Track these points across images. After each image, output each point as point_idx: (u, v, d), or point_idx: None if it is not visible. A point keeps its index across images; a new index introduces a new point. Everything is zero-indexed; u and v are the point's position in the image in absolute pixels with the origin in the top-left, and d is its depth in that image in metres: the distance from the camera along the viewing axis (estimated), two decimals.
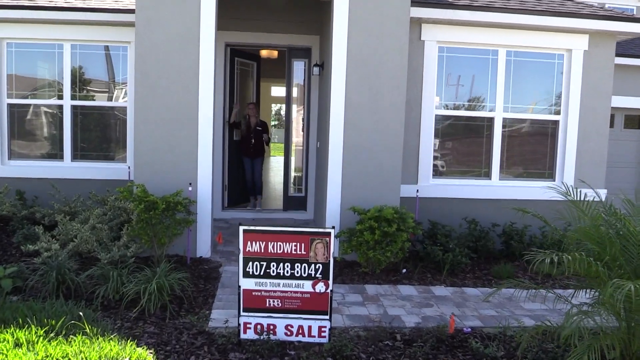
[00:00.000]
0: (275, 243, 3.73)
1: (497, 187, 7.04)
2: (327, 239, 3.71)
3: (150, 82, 5.75)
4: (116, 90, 7.43)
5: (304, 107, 8.08)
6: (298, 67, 8.04)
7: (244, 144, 8.23)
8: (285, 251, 3.73)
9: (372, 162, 6.01)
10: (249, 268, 3.75)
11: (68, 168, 7.28)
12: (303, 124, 8.13)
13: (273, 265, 3.75)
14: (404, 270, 5.73)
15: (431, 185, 6.85)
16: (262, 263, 3.75)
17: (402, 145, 6.06)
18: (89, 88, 7.42)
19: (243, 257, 3.75)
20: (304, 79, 8.03)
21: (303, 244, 3.72)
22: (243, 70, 8.34)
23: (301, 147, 8.20)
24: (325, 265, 3.75)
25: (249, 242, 3.74)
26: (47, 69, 7.45)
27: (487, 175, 7.12)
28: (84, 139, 7.42)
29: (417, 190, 6.51)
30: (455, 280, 5.62)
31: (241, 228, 3.74)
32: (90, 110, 7.40)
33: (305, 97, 8.01)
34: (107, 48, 7.32)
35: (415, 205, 6.50)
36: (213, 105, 5.84)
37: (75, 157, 7.43)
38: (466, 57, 6.95)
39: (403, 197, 6.39)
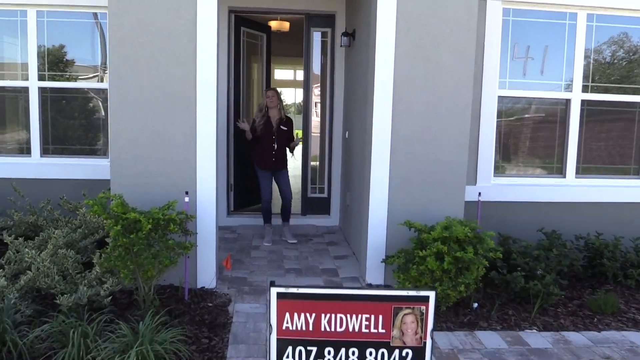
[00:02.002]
0: (334, 315, 2.09)
1: (572, 187, 5.42)
2: (423, 307, 2.08)
3: (129, 50, 4.08)
4: (107, 72, 5.75)
5: (325, 89, 6.41)
6: (318, 39, 6.34)
7: (262, 151, 5.61)
8: (351, 329, 2.10)
9: (429, 157, 4.37)
10: (288, 358, 2.11)
11: (36, 165, 5.60)
12: (325, 109, 6.46)
13: (329, 353, 2.11)
14: (476, 305, 4.12)
15: (492, 186, 5.23)
16: (309, 349, 2.11)
17: (468, 135, 4.42)
18: (67, 68, 5.70)
19: (277, 340, 2.11)
20: (327, 53, 6.34)
21: (381, 317, 2.09)
22: (250, 44, 6.65)
23: (322, 137, 6.55)
24: (419, 353, 2.11)
25: (287, 315, 2.10)
26: (8, 43, 5.74)
27: (560, 172, 5.50)
28: (58, 130, 5.73)
29: (480, 194, 4.87)
30: (547, 319, 4.02)
31: (273, 292, 2.10)
32: (65, 94, 5.71)
33: (328, 75, 6.33)
34: (95, 16, 5.58)
35: (474, 212, 4.87)
36: (216, 81, 4.17)
37: (45, 151, 5.75)
38: (536, 22, 5.28)
39: None
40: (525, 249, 4.63)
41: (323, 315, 2.05)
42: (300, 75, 19.39)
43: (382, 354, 2.08)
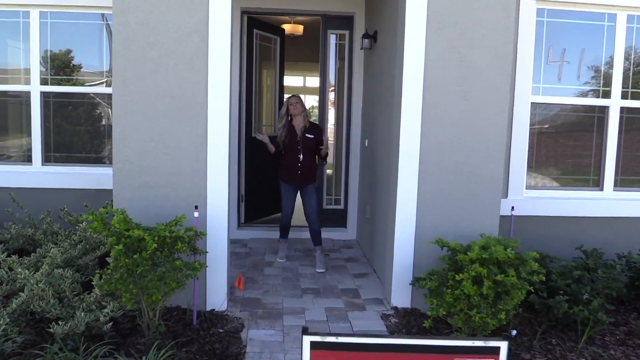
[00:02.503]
0: None
1: (610, 200, 4.99)
2: None
3: (135, 52, 3.71)
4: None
5: (342, 94, 6.03)
6: (335, 41, 5.97)
7: (287, 163, 5.02)
8: None
9: (461, 169, 3.97)
10: None
11: (37, 174, 5.23)
12: (341, 116, 6.08)
13: None
14: (514, 332, 3.70)
15: (525, 200, 4.80)
16: None
17: (504, 145, 4.01)
18: (72, 72, 5.34)
19: None
20: (345, 57, 5.95)
21: None
22: (263, 47, 6.28)
23: (337, 145, 6.16)
24: None
25: None
26: (10, 46, 5.40)
27: (597, 184, 5.07)
28: (61, 137, 5.37)
29: (513, 208, 4.45)
30: (595, 349, 3.58)
31: (306, 341, 1.68)
32: (69, 99, 5.34)
33: (345, 80, 5.95)
34: (103, 17, 5.23)
35: (506, 227, 4.44)
36: (229, 86, 3.79)
37: (47, 159, 5.39)
38: (572, 23, 4.88)
39: None
40: (564, 269, 4.19)
41: None
42: (310, 81, 19.03)
43: None
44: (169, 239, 3.26)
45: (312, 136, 4.95)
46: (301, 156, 4.93)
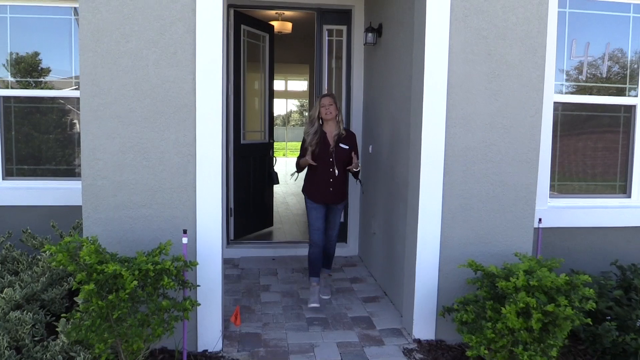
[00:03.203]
0: None
1: (639, 209, 4.50)
2: None
3: (107, 45, 3.07)
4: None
5: (338, 96, 5.45)
6: (331, 37, 5.39)
7: (316, 178, 4.11)
8: None
9: (491, 179, 3.42)
10: None
11: None
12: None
13: None
14: None
15: (549, 210, 4.27)
16: None
17: (538, 150, 3.47)
18: (38, 74, 4.62)
19: None
20: (342, 54, 5.38)
21: None
22: (251, 45, 5.67)
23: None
24: None
25: None
26: None
27: (624, 191, 4.58)
28: (25, 147, 4.65)
29: (540, 220, 3.92)
30: None
31: None
32: (36, 105, 4.63)
33: (343, 79, 5.37)
34: (76, 12, 4.52)
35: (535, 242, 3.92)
36: (222, 84, 3.17)
37: (9, 173, 4.66)
38: (597, 15, 4.39)
39: None
40: (601, 288, 3.68)
41: None
42: (292, 85, 18.44)
43: None
44: (153, 272, 2.62)
45: (346, 147, 4.03)
46: (335, 170, 4.00)
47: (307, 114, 29.55)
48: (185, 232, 3.00)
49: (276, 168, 6.21)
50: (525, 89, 3.38)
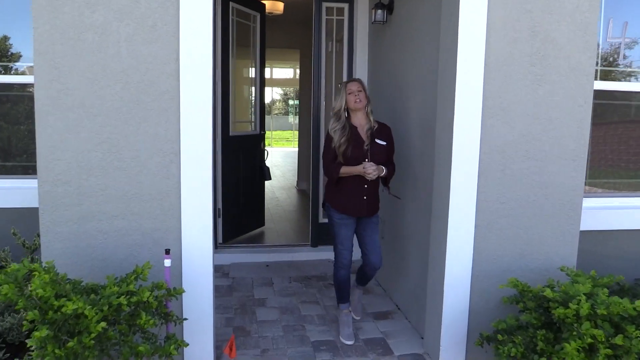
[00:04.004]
0: None
1: None
2: None
3: (68, 17, 2.43)
4: None
5: (335, 81, 4.86)
6: (331, 17, 4.78)
7: (349, 185, 3.18)
8: None
9: (532, 179, 2.87)
10: None
11: None
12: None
13: None
14: None
15: (582, 210, 3.74)
16: None
17: (587, 145, 2.93)
18: (9, 60, 3.91)
19: None
20: (343, 36, 4.78)
21: None
22: (241, 26, 5.02)
23: None
24: None
25: None
26: None
27: None
28: None
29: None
30: None
31: None
32: (3, 93, 3.89)
33: (344, 65, 4.77)
34: None
35: None
36: (213, 65, 2.55)
37: None
38: None
39: None
40: None
41: None
42: (277, 73, 17.72)
43: None
44: (127, 306, 2.02)
45: (384, 142, 3.17)
46: (369, 176, 3.10)
47: (292, 102, 28.72)
48: (168, 252, 2.39)
49: (267, 163, 5.61)
50: (574, 73, 2.83)
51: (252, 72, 5.34)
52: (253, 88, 5.36)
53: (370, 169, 3.05)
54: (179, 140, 2.54)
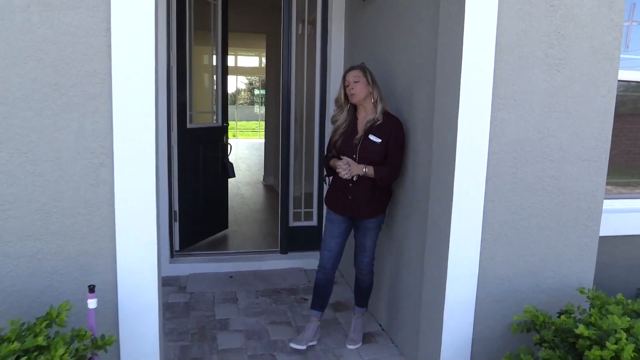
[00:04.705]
0: None
1: None
2: None
3: None
4: None
5: (311, 71, 4.31)
6: None
7: (338, 179, 2.90)
8: None
9: (547, 183, 2.40)
10: None
11: None
12: (312, 100, 4.36)
13: None
14: None
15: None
16: None
17: (609, 143, 2.48)
18: None
19: None
20: (316, 17, 4.22)
21: None
22: (200, 7, 4.38)
23: (308, 141, 4.43)
24: None
25: None
26: None
27: None
28: None
29: None
30: None
31: None
32: None
33: (318, 50, 4.22)
34: None
35: None
36: (155, 38, 1.94)
37: None
38: None
39: None
40: None
41: None
42: (242, 61, 16.94)
43: None
44: None
45: (378, 140, 2.78)
46: (362, 171, 2.80)
47: (258, 92, 27.88)
48: (92, 289, 1.79)
49: (231, 157, 5.01)
50: (597, 57, 2.36)
51: (213, 58, 4.72)
52: (215, 76, 4.74)
53: (341, 167, 2.77)
54: (111, 137, 1.94)
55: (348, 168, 2.76)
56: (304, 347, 2.92)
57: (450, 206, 2.29)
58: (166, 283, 3.87)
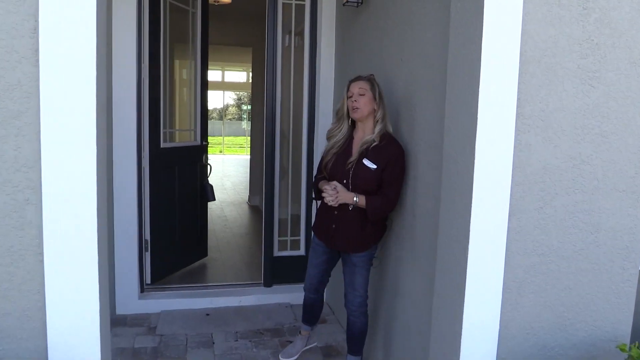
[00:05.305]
0: None
1: None
2: None
3: None
4: None
5: (298, 85, 3.92)
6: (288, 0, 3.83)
7: (325, 205, 2.53)
8: None
9: (579, 219, 2.00)
10: None
11: None
12: (299, 117, 3.96)
13: None
14: None
15: None
16: None
17: None
18: None
19: None
20: (304, 28, 3.83)
21: None
22: (176, 16, 3.98)
23: (295, 162, 4.02)
24: None
25: None
26: None
27: None
28: None
29: None
30: None
31: None
32: None
33: (306, 62, 3.83)
34: None
35: None
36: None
37: None
38: None
39: None
40: None
41: None
42: (230, 76, 16.58)
43: None
44: None
45: (373, 166, 2.40)
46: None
47: (245, 107, 27.39)
48: None
49: (212, 178, 4.57)
50: (637, 70, 1.98)
51: (191, 72, 4.30)
52: (193, 90, 4.31)
53: (327, 192, 2.41)
54: (39, 166, 1.50)
55: (335, 194, 2.39)
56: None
57: (466, 249, 1.87)
58: (134, 323, 3.40)
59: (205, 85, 4.35)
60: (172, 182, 4.01)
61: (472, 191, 1.83)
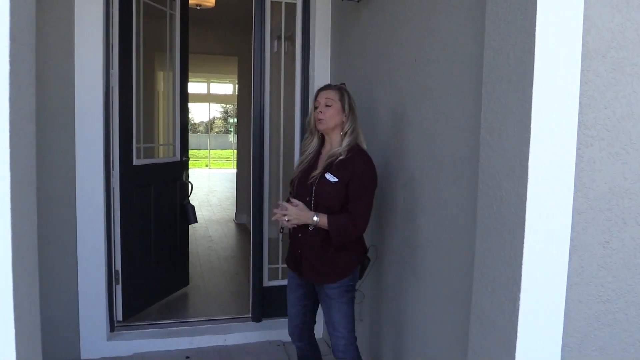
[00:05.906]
0: None
1: None
2: None
3: None
4: None
5: (289, 95, 3.49)
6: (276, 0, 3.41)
7: (292, 229, 2.20)
8: None
9: None
10: None
11: None
12: (290, 129, 3.53)
13: None
14: None
15: None
16: None
17: None
18: None
19: None
20: (296, 31, 3.41)
21: None
22: (151, 22, 3.54)
23: (281, 169, 3.57)
24: None
25: None
26: None
27: None
28: None
29: None
30: None
31: None
32: None
33: (298, 70, 3.41)
34: None
35: None
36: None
37: None
38: None
39: None
40: None
41: None
42: (216, 88, 16.11)
43: None
44: None
45: (334, 179, 2.09)
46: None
47: (232, 120, 26.85)
48: None
49: (194, 197, 4.10)
50: None
51: (169, 82, 3.85)
52: (170, 101, 3.86)
53: (274, 212, 2.15)
54: None
55: (282, 213, 2.08)
56: None
57: (517, 299, 1.43)
58: None
59: (185, 96, 3.90)
60: (148, 203, 3.53)
61: (525, 225, 1.40)
